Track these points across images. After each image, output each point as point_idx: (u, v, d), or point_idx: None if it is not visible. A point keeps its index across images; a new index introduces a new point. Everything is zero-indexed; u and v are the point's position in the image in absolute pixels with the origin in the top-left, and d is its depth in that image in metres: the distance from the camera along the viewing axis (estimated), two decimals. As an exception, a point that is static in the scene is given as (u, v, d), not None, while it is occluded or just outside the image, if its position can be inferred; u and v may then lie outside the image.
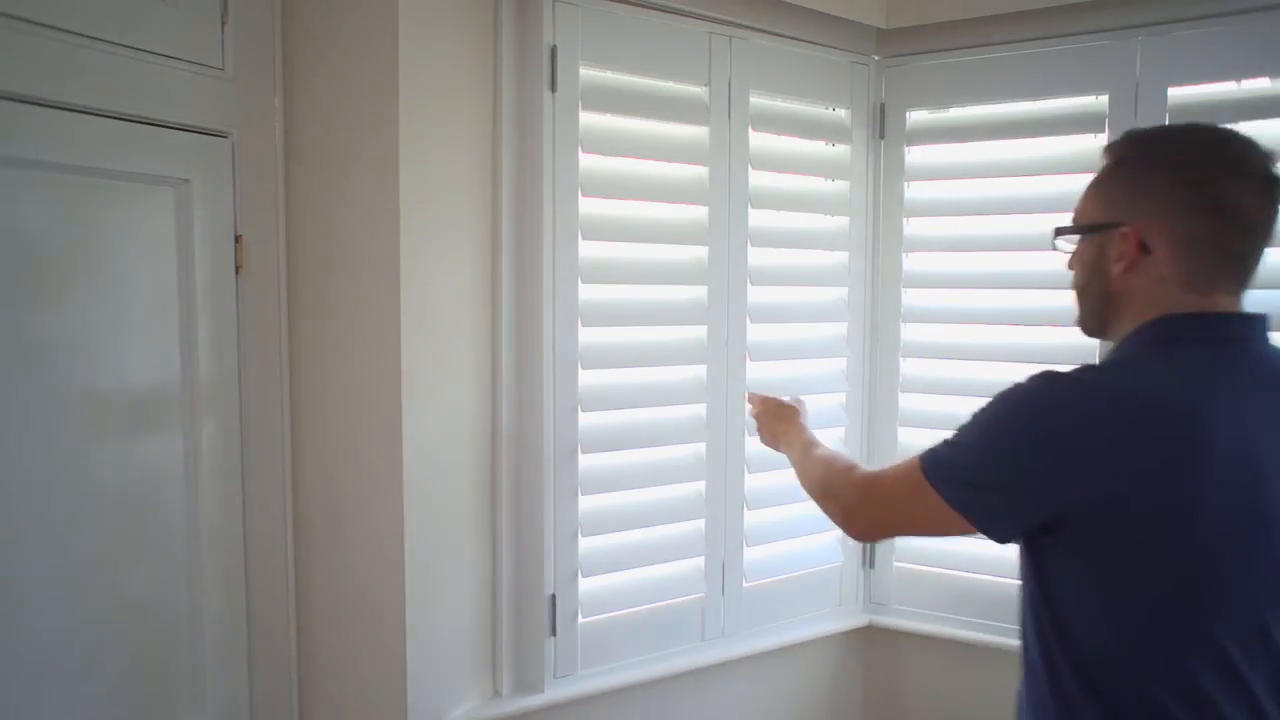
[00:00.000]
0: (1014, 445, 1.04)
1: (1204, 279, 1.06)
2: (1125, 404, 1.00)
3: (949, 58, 2.14)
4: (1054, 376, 1.05)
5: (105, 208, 1.33)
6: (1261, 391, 1.04)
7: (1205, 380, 1.02)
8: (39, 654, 1.25)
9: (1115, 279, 1.10)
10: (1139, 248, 1.07)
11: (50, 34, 1.22)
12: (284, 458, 1.62)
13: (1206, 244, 1.05)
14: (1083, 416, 1.00)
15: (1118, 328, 1.13)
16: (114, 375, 1.36)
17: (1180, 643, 1.01)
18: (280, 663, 1.62)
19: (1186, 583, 1.00)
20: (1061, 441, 1.00)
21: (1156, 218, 1.06)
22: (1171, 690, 1.00)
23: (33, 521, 1.24)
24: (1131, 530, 0.99)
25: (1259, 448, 1.01)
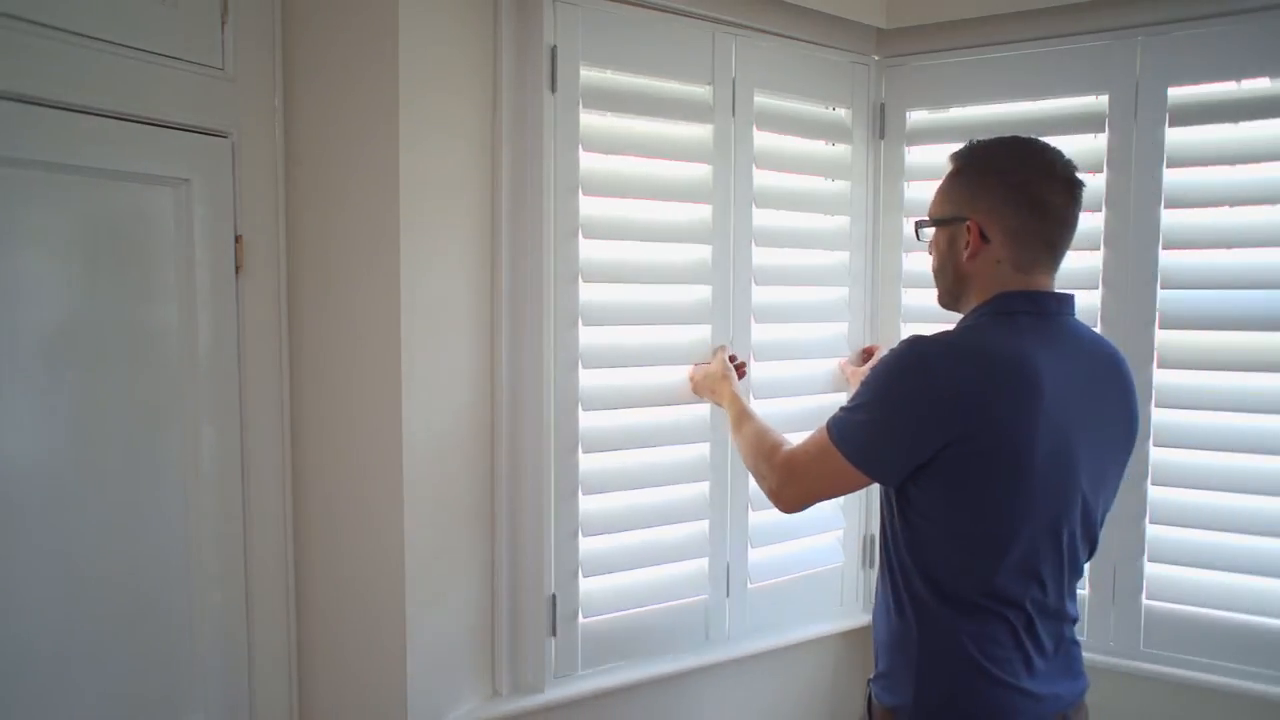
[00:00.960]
0: (904, 402, 1.27)
1: (1027, 262, 1.34)
2: (986, 360, 1.25)
3: (949, 58, 2.14)
4: (926, 341, 1.28)
5: (105, 208, 1.33)
6: (1072, 354, 1.33)
7: (1037, 343, 1.28)
8: (39, 654, 1.26)
9: (964, 263, 1.37)
10: (980, 237, 1.34)
11: (50, 34, 1.22)
12: (284, 457, 1.62)
13: (1028, 233, 1.33)
14: (954, 372, 1.24)
15: (966, 302, 1.40)
16: (114, 375, 1.36)
17: (997, 545, 1.28)
18: (280, 663, 1.62)
19: (1014, 498, 1.26)
20: (942, 393, 1.24)
21: (991, 212, 1.34)
22: (985, 582, 1.28)
23: (33, 522, 1.24)
24: (985, 458, 1.24)
25: (1070, 398, 1.28)
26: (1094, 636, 2.05)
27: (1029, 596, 1.31)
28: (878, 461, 1.32)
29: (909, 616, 1.35)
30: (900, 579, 1.37)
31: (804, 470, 1.41)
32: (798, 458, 1.42)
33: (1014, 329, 1.30)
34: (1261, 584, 1.91)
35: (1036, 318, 1.33)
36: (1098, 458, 1.35)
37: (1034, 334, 1.30)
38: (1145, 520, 1.98)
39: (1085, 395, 1.31)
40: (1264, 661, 1.90)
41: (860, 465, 1.32)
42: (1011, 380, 1.23)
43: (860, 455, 1.32)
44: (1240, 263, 1.93)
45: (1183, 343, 1.96)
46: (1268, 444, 1.88)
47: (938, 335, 1.31)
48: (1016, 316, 1.32)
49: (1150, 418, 1.98)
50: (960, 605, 1.30)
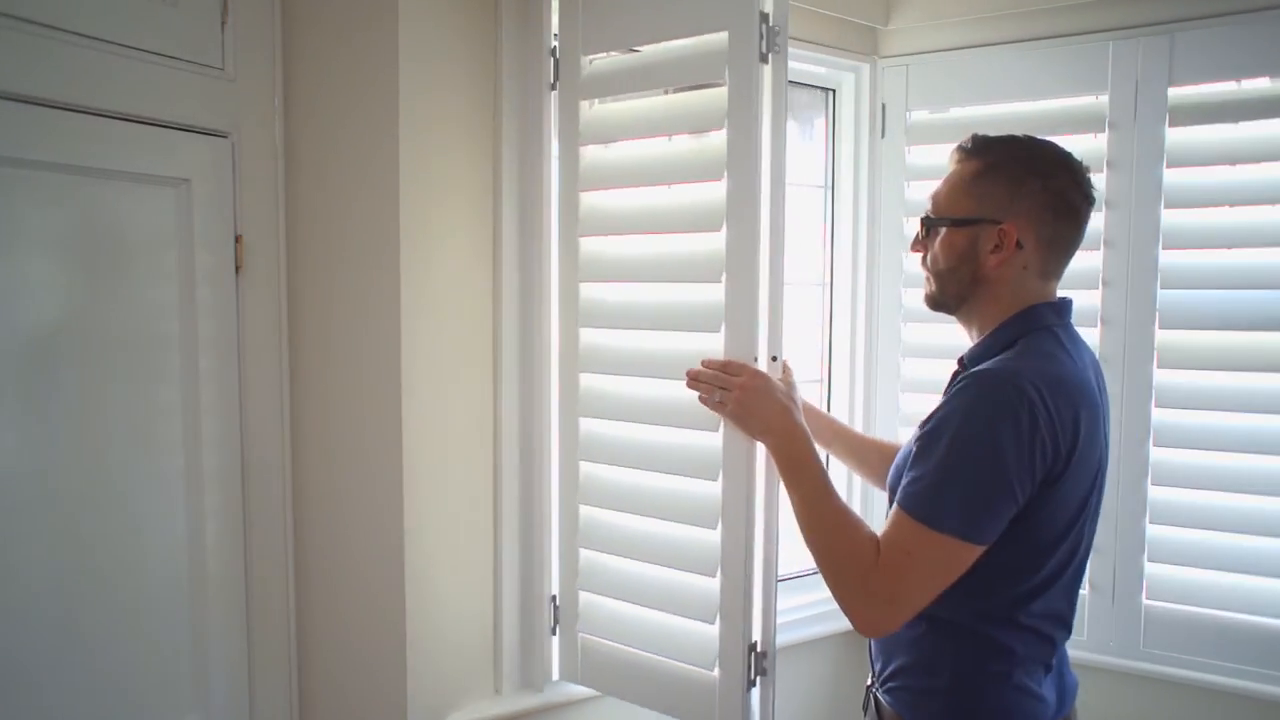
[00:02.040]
0: (1012, 447, 1.12)
1: (1051, 270, 1.29)
2: (1056, 388, 1.16)
3: (949, 58, 2.14)
4: (1019, 375, 1.15)
5: (105, 208, 1.33)
6: (1087, 359, 1.29)
7: (1077, 354, 1.25)
8: (39, 654, 1.26)
9: (989, 267, 1.26)
10: (1016, 244, 1.25)
11: (50, 34, 1.22)
12: (284, 457, 1.62)
13: (1059, 241, 1.27)
14: (1055, 407, 1.14)
15: (973, 307, 1.30)
16: (114, 374, 1.36)
17: (1058, 570, 1.22)
18: (280, 663, 1.62)
19: (1078, 525, 1.22)
20: (1050, 430, 1.14)
21: (1028, 217, 1.25)
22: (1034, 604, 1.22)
23: (34, 522, 1.24)
24: (1066, 489, 1.18)
25: (1102, 407, 1.26)
26: (1094, 636, 2.05)
27: (1070, 613, 1.28)
28: (993, 525, 1.14)
29: (941, 635, 1.24)
30: None
31: (905, 573, 1.16)
32: (887, 566, 1.17)
33: (1061, 346, 1.24)
34: (1261, 584, 1.90)
35: (1063, 329, 1.28)
36: (1106, 465, 1.34)
37: (1072, 349, 1.26)
38: (1145, 520, 1.98)
39: (1101, 405, 1.30)
40: (1264, 661, 1.90)
41: (975, 538, 1.13)
42: (1088, 409, 1.19)
43: (973, 527, 1.13)
44: (1240, 263, 1.93)
45: (1183, 343, 1.96)
46: (1268, 444, 1.88)
47: (1013, 363, 1.19)
48: (1054, 331, 1.26)
49: (1150, 418, 1.98)
50: (1002, 625, 1.22)
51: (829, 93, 2.30)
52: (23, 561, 1.23)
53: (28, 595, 1.24)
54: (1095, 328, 2.01)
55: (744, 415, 1.38)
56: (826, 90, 2.30)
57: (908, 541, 1.15)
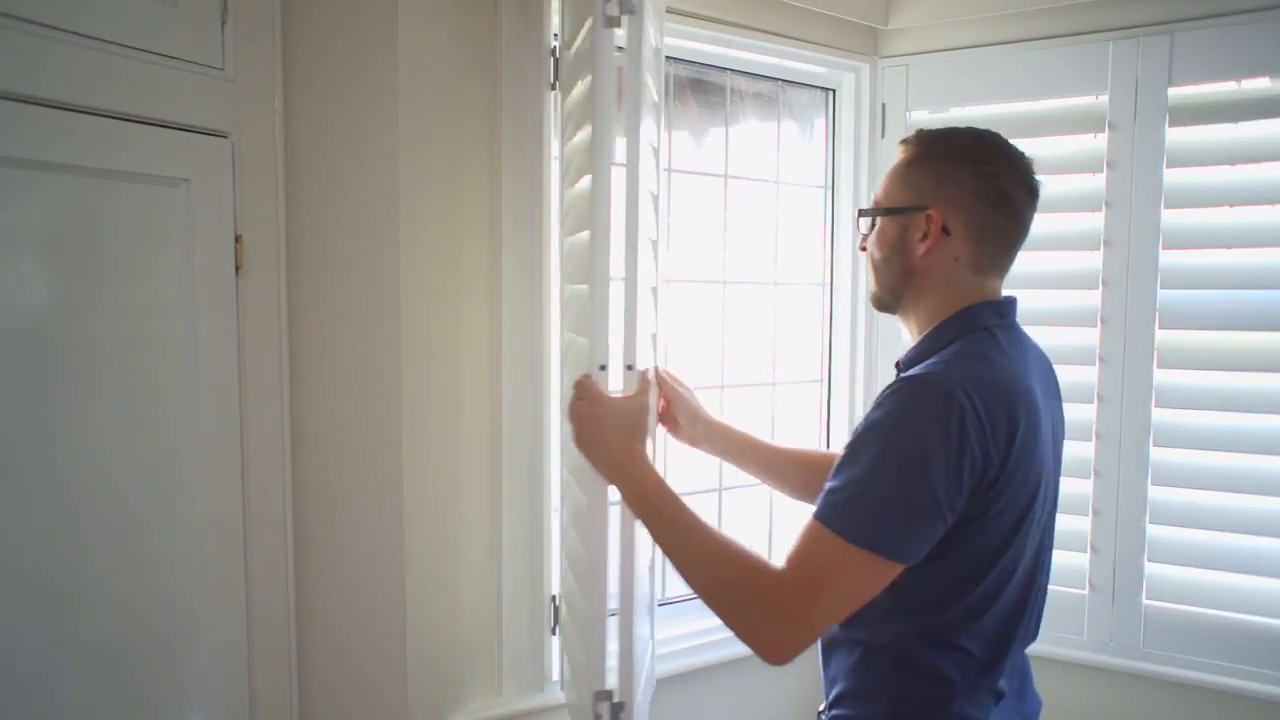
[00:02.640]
0: (940, 457, 1.05)
1: (985, 262, 1.21)
2: (990, 394, 1.09)
3: (949, 58, 2.14)
4: (947, 379, 1.09)
5: (105, 208, 1.33)
6: (1032, 364, 1.22)
7: (1017, 357, 1.18)
8: (39, 654, 1.25)
9: (917, 257, 1.21)
10: (942, 229, 1.19)
11: (50, 34, 1.22)
12: (284, 457, 1.62)
13: (991, 230, 1.20)
14: (989, 411, 1.07)
15: (909, 303, 1.25)
16: (114, 375, 1.36)
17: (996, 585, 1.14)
18: (280, 662, 1.62)
19: (1019, 535, 1.13)
20: (982, 436, 1.06)
21: (956, 203, 1.19)
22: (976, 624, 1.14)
23: (34, 522, 1.24)
24: (1004, 498, 1.10)
25: (1044, 411, 1.18)
26: (1094, 636, 2.05)
27: (1018, 633, 1.19)
28: (919, 540, 1.07)
29: (876, 661, 1.18)
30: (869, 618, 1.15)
31: (820, 587, 1.06)
32: (803, 572, 1.07)
33: (998, 348, 1.17)
34: (1261, 584, 1.91)
35: (1003, 330, 1.20)
36: (1055, 471, 1.26)
37: (1010, 350, 1.18)
38: (1145, 520, 1.98)
39: (1045, 405, 1.21)
40: (1264, 661, 1.90)
41: (897, 554, 1.05)
42: (1022, 407, 1.11)
43: (894, 541, 1.05)
44: (1240, 263, 1.93)
45: (1183, 343, 1.96)
46: (1268, 444, 1.89)
47: (944, 368, 1.13)
48: (993, 332, 1.19)
49: (1150, 418, 1.98)
50: (938, 649, 1.15)
51: (829, 93, 2.30)
52: (22, 561, 1.23)
53: (27, 595, 1.24)
54: (1095, 328, 2.02)
55: (584, 448, 1.30)
56: (826, 90, 2.30)
57: (824, 556, 1.06)
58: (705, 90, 2.16)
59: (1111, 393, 2.01)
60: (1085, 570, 2.05)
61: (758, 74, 2.18)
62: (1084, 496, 2.05)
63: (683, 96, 2.13)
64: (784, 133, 2.27)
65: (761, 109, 2.25)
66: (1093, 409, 2.03)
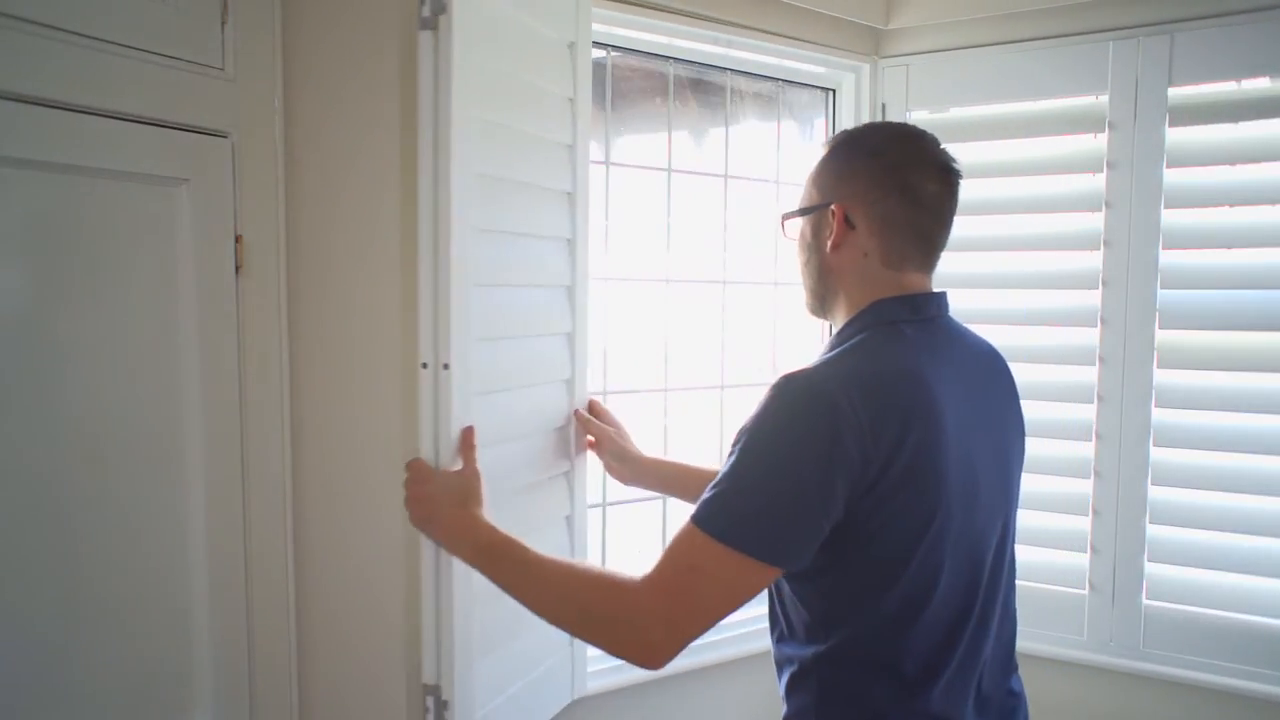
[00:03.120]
0: (812, 455, 1.02)
1: (896, 256, 1.18)
2: (890, 385, 1.06)
3: (949, 58, 2.14)
4: (819, 375, 1.07)
5: (105, 208, 1.33)
6: (959, 360, 1.18)
7: (928, 355, 1.13)
8: (38, 653, 1.25)
9: (827, 255, 1.20)
10: (844, 222, 1.18)
11: (50, 34, 1.22)
12: (284, 457, 1.62)
13: (898, 222, 1.17)
14: (865, 406, 1.03)
15: (832, 305, 1.24)
16: (113, 375, 1.36)
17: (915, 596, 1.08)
18: (280, 662, 1.62)
19: (929, 540, 1.07)
20: (857, 434, 1.02)
21: (857, 196, 1.17)
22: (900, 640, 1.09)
23: (33, 522, 1.24)
24: (899, 500, 1.04)
25: (966, 412, 1.12)
26: (1094, 636, 2.05)
27: (957, 650, 1.12)
28: (792, 544, 1.03)
29: (802, 682, 1.15)
30: (792, 642, 1.16)
31: (687, 591, 1.04)
32: (668, 578, 1.04)
33: (899, 341, 1.13)
34: (1261, 584, 1.91)
35: (919, 325, 1.16)
36: (1003, 472, 1.20)
37: (921, 345, 1.14)
38: (1145, 520, 1.98)
39: (980, 406, 1.17)
40: (1264, 661, 1.90)
41: (770, 558, 1.03)
42: (918, 405, 1.06)
43: (767, 544, 1.02)
44: (1240, 263, 1.93)
45: (1183, 343, 1.96)
46: (1268, 444, 1.89)
47: (826, 366, 1.10)
48: (899, 326, 1.15)
49: (1150, 418, 1.98)
50: (862, 668, 1.11)
51: (829, 93, 2.30)
52: (22, 562, 1.23)
53: (26, 595, 1.24)
54: (1095, 328, 2.02)
55: (422, 527, 1.31)
56: (826, 90, 2.30)
57: (693, 555, 1.03)
58: (705, 90, 2.16)
59: (1111, 393, 2.01)
60: (1085, 570, 2.05)
61: (758, 74, 2.18)
62: (1084, 496, 2.05)
63: (683, 96, 2.13)
64: (784, 133, 2.27)
65: (761, 109, 2.25)
66: (1093, 409, 2.03)
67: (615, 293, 2.03)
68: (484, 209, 1.39)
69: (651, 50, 2.01)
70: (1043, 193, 2.09)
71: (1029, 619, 2.09)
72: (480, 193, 1.37)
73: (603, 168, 1.98)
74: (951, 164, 1.19)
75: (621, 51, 1.98)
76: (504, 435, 1.46)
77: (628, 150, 2.06)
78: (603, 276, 1.99)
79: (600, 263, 1.99)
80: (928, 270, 1.22)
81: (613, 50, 1.96)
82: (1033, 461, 2.06)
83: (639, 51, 2.00)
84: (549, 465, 1.60)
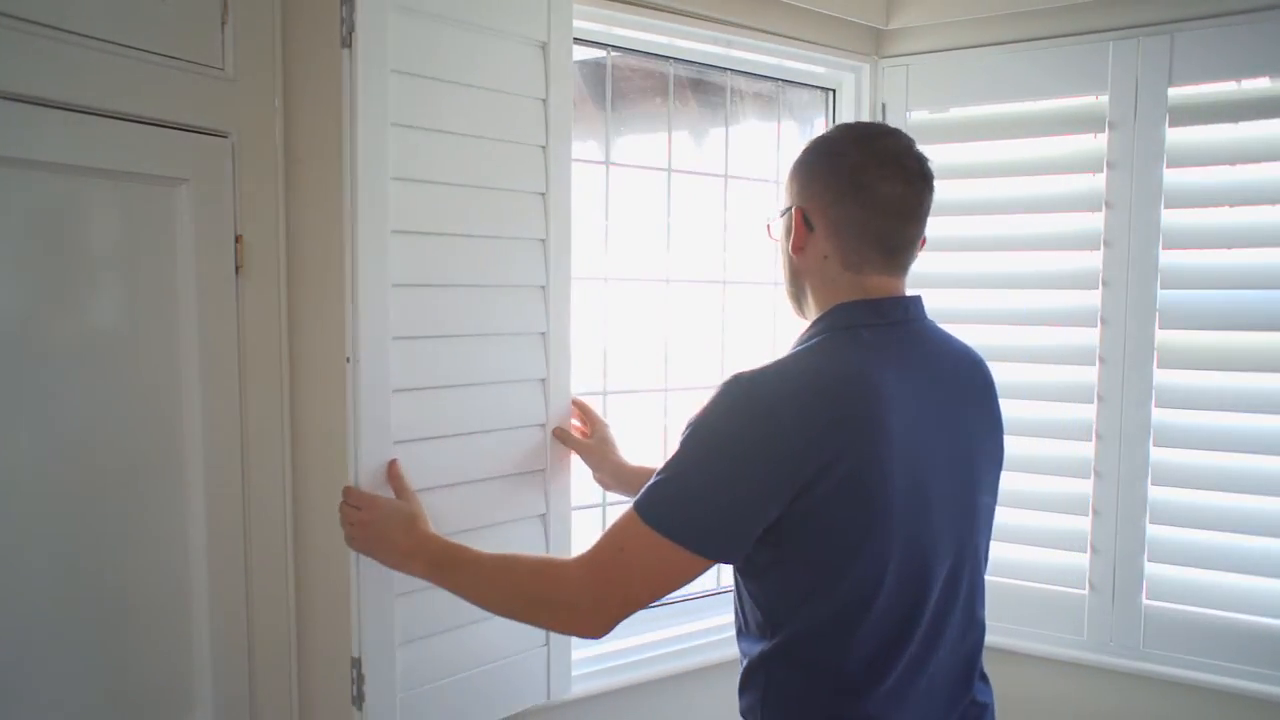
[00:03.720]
0: (743, 452, 1.05)
1: (855, 258, 1.16)
2: (823, 385, 1.07)
3: (949, 58, 2.14)
4: (753, 375, 1.09)
5: (105, 208, 1.33)
6: (924, 365, 1.17)
7: (883, 357, 1.12)
8: (38, 652, 1.25)
9: (792, 257, 1.21)
10: (804, 224, 1.18)
11: (50, 34, 1.22)
12: (284, 457, 1.62)
13: (853, 225, 1.15)
14: (796, 405, 1.05)
15: (806, 306, 1.24)
16: (114, 375, 1.36)
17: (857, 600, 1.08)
18: (280, 662, 1.62)
19: (871, 543, 1.07)
20: (788, 433, 1.04)
21: (816, 198, 1.18)
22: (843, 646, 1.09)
23: (32, 521, 1.24)
24: (836, 501, 1.05)
25: (927, 416, 1.12)
26: (1094, 636, 2.05)
27: (904, 655, 1.11)
28: (720, 536, 1.06)
29: (752, 678, 1.17)
30: (747, 638, 1.18)
31: (615, 571, 1.09)
32: (601, 558, 1.11)
33: (854, 344, 1.13)
34: (1261, 584, 1.91)
35: (881, 329, 1.15)
36: (964, 480, 1.18)
37: (878, 349, 1.13)
38: (1145, 520, 1.98)
39: (945, 412, 1.16)
40: (1264, 661, 1.90)
41: (696, 546, 1.05)
42: (861, 412, 1.06)
43: (693, 533, 1.05)
44: (1240, 263, 1.93)
45: (1183, 343, 1.96)
46: (1268, 444, 1.89)
47: (764, 366, 1.11)
48: (856, 330, 1.14)
49: (1150, 418, 1.98)
50: (810, 670, 1.12)
51: (829, 93, 2.30)
52: (21, 562, 1.23)
53: (26, 596, 1.24)
54: (1095, 328, 2.02)
55: (373, 551, 1.37)
56: (826, 90, 2.30)
57: (624, 538, 1.09)
58: (705, 90, 2.16)
59: (1111, 393, 2.01)
60: (1085, 570, 2.05)
61: (758, 74, 2.18)
62: (1084, 496, 2.05)
63: (683, 96, 2.13)
64: (784, 133, 2.27)
65: (761, 109, 2.25)
66: (1093, 409, 2.03)
67: (615, 293, 2.03)
68: (410, 212, 1.46)
69: (651, 50, 2.01)
70: (1043, 193, 2.09)
71: (1029, 619, 2.10)
72: (402, 196, 1.45)
73: (602, 168, 1.98)
74: (914, 163, 1.17)
75: (621, 51, 1.98)
76: (439, 431, 1.52)
77: (628, 150, 2.06)
78: (602, 276, 2.00)
79: (600, 263, 2.00)
80: (893, 272, 1.19)
81: (613, 50, 1.96)
82: (1033, 461, 2.08)
83: (639, 51, 2.00)
84: (515, 463, 1.62)
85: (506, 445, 1.61)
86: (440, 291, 1.52)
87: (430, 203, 1.50)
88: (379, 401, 1.44)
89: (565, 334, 1.67)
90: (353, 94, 1.39)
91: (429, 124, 1.48)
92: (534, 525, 1.67)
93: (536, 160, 1.62)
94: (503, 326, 1.60)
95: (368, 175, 1.40)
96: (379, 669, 1.47)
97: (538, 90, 1.61)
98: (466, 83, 1.52)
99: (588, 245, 1.94)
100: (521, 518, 1.65)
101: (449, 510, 1.52)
